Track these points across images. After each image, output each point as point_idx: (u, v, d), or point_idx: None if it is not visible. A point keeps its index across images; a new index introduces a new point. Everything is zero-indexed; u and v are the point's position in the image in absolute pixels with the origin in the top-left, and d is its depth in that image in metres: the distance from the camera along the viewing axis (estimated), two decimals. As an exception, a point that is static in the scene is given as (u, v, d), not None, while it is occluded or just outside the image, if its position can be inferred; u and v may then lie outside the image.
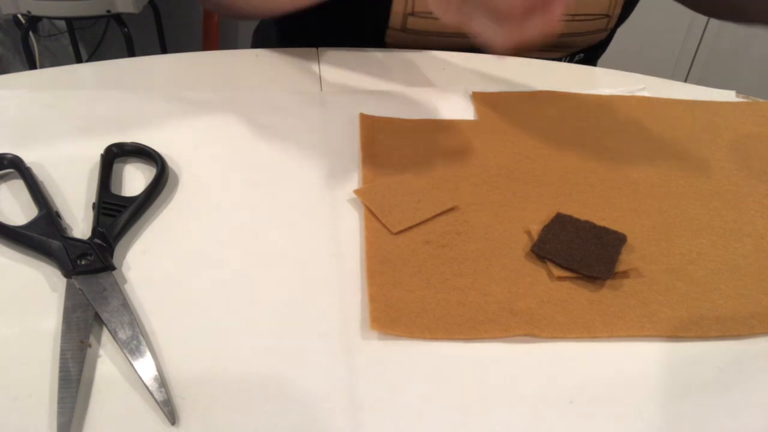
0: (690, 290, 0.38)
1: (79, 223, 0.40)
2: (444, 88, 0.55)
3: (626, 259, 0.39)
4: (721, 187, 0.47)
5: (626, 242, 0.41)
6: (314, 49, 0.60)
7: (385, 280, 0.37)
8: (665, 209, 0.45)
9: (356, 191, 0.43)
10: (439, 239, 0.40)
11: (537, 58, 0.62)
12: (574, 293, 0.37)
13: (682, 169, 0.48)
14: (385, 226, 0.40)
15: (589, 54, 0.70)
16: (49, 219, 0.39)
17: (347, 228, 0.41)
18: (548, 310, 0.36)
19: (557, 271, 0.38)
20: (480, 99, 0.54)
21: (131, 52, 1.65)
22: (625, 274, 0.39)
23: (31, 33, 1.75)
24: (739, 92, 0.60)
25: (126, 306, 0.35)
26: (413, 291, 0.37)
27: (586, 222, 0.41)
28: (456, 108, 0.53)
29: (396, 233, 0.40)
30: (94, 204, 0.40)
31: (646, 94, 0.58)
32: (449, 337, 0.35)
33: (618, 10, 0.65)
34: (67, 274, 0.36)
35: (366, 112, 0.51)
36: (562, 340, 0.35)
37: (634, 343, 0.35)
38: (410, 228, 0.41)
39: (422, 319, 0.35)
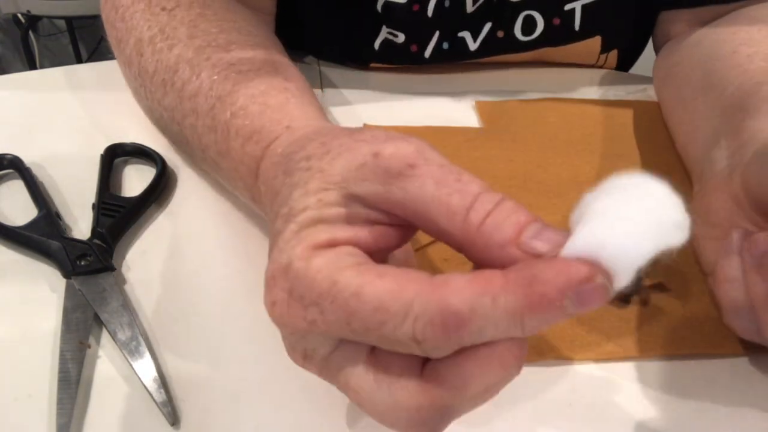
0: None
1: (79, 223, 0.40)
2: (447, 99, 0.55)
3: (651, 272, 0.38)
4: None
5: None
6: (315, 58, 0.59)
7: None
8: None
9: None
10: (459, 256, 0.39)
11: None
12: (602, 310, 0.36)
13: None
14: None
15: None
16: (48, 219, 0.39)
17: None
18: (576, 329, 0.35)
19: None
20: (484, 109, 0.53)
21: (131, 52, 1.64)
22: (651, 288, 0.38)
23: (30, 32, 1.75)
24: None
25: (125, 307, 0.35)
26: None
27: None
28: (460, 118, 0.52)
29: (415, 251, 0.38)
30: (93, 204, 0.40)
31: (648, 94, 0.57)
32: None
33: (611, 67, 0.62)
34: (67, 274, 0.36)
35: (369, 122, 0.51)
36: (591, 361, 0.34)
37: (634, 344, 0.35)
38: (428, 245, 0.39)
39: None
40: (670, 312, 0.37)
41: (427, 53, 0.56)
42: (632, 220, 0.22)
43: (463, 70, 0.59)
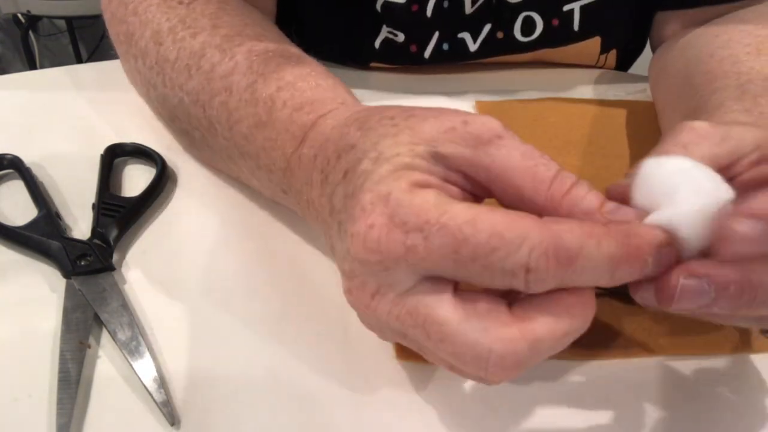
0: None
1: (79, 223, 0.40)
2: (447, 99, 0.55)
3: None
4: None
5: None
6: (315, 58, 0.59)
7: None
8: None
9: None
10: None
11: None
12: (605, 309, 0.36)
13: None
14: None
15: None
16: (48, 219, 0.39)
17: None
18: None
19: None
20: (484, 109, 0.53)
21: (131, 52, 1.64)
22: None
23: (30, 32, 1.75)
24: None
25: (125, 307, 0.35)
26: None
27: None
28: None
29: None
30: (93, 204, 0.40)
31: (648, 94, 0.57)
32: None
33: (611, 67, 0.62)
34: (67, 274, 0.36)
35: None
36: (591, 360, 0.34)
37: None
38: None
39: None
40: (671, 312, 0.37)
41: (427, 54, 0.56)
42: (690, 196, 0.26)
43: (463, 71, 0.59)
